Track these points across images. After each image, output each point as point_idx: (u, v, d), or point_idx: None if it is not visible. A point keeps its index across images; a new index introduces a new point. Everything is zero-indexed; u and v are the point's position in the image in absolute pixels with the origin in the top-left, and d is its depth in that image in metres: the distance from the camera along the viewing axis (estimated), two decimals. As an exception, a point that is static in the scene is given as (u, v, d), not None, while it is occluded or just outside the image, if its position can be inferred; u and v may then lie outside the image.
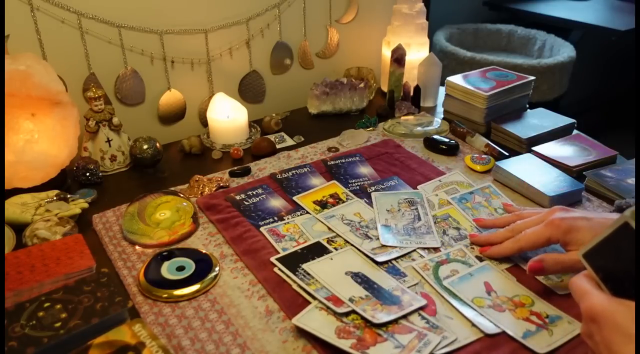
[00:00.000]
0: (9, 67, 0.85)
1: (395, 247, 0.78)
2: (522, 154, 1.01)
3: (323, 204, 0.88)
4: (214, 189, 0.94)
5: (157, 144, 1.01)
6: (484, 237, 0.79)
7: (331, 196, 0.91)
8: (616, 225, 0.48)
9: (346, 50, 1.36)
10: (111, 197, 0.94)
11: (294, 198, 0.90)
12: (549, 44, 2.41)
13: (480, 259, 0.76)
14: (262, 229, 0.83)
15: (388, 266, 0.75)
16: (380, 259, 0.75)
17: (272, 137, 1.13)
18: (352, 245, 0.78)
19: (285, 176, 0.97)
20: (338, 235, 0.81)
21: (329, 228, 0.82)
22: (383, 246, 0.78)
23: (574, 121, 1.12)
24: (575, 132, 1.11)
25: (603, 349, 0.47)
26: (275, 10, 1.21)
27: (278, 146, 1.10)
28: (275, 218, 0.86)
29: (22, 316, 0.61)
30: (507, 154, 1.03)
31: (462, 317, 0.66)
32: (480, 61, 2.11)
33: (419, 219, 0.84)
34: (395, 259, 0.76)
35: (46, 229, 0.80)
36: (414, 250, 0.78)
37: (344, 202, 0.89)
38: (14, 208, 0.84)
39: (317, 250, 0.77)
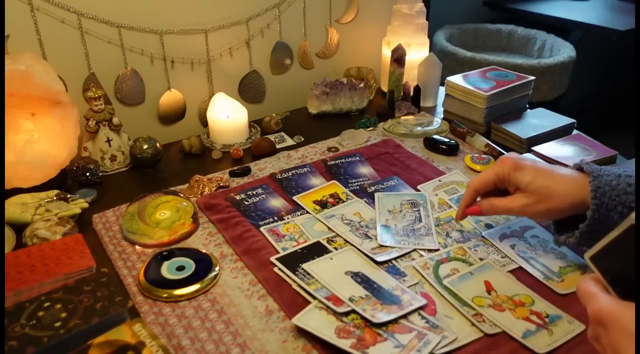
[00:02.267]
0: (9, 67, 0.85)
1: (395, 247, 0.78)
2: (522, 154, 1.01)
3: (323, 204, 0.88)
4: (214, 189, 0.94)
5: (157, 144, 1.01)
6: (460, 207, 0.81)
7: (331, 195, 0.91)
8: (623, 228, 0.47)
9: (346, 50, 1.36)
10: (111, 197, 0.94)
11: (294, 198, 0.90)
12: (549, 44, 2.41)
13: (481, 258, 0.76)
14: (262, 229, 0.83)
15: (388, 265, 0.75)
16: (380, 258, 0.75)
17: (272, 137, 1.13)
18: (352, 245, 0.78)
19: (285, 175, 0.97)
20: (338, 235, 0.81)
21: (329, 228, 0.82)
22: (381, 246, 0.78)
23: (574, 121, 1.12)
24: (575, 132, 1.11)
25: (610, 353, 0.46)
26: (275, 10, 1.21)
27: (278, 146, 1.10)
28: (275, 218, 0.86)
29: (22, 316, 0.61)
30: (506, 153, 1.03)
31: (462, 316, 0.66)
32: (480, 61, 2.11)
33: (420, 220, 0.84)
34: (395, 258, 0.76)
35: (46, 229, 0.80)
36: (414, 250, 0.78)
37: (344, 202, 0.89)
38: (14, 208, 0.84)
39: (317, 250, 0.77)
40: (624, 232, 0.48)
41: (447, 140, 1.07)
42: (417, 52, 1.30)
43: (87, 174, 0.96)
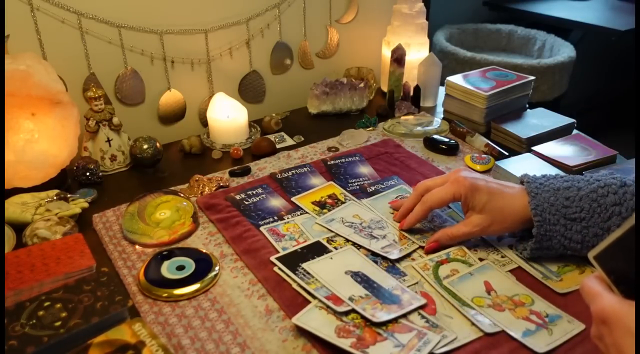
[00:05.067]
0: (9, 67, 0.85)
1: (412, 240, 0.79)
2: (522, 153, 1.01)
3: (322, 205, 0.88)
4: (214, 188, 0.94)
5: (157, 144, 1.01)
6: (399, 213, 0.83)
7: (329, 196, 0.91)
8: (626, 227, 0.48)
9: (346, 50, 1.36)
10: (111, 197, 0.94)
11: (293, 199, 0.90)
12: (549, 44, 2.41)
13: (481, 259, 0.76)
14: (262, 228, 0.83)
15: (388, 265, 0.75)
16: (393, 256, 0.75)
17: (272, 137, 1.13)
18: (360, 247, 0.78)
19: (285, 175, 0.97)
20: (345, 238, 0.80)
21: (336, 234, 0.81)
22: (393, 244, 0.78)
23: (573, 120, 1.12)
24: (575, 132, 1.11)
25: (614, 352, 0.46)
26: (275, 10, 1.21)
27: (278, 146, 1.10)
28: (275, 218, 0.86)
29: (22, 315, 0.61)
30: (507, 153, 1.03)
31: (462, 316, 0.66)
32: (480, 61, 2.11)
33: None
34: (409, 254, 0.77)
35: (46, 229, 0.80)
36: (414, 251, 0.78)
37: (342, 202, 0.89)
38: (14, 208, 0.84)
39: (317, 249, 0.77)
40: (628, 231, 0.47)
41: (447, 140, 1.07)
42: (417, 52, 1.30)
43: (87, 173, 0.96)
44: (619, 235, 0.48)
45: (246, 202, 0.89)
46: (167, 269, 0.74)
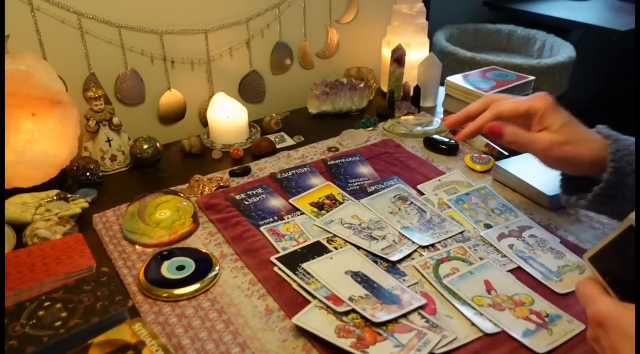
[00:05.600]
0: (9, 67, 0.86)
1: (412, 241, 0.79)
2: (521, 153, 1.01)
3: (320, 206, 0.88)
4: (214, 188, 0.94)
5: (157, 144, 1.01)
6: (456, 116, 0.74)
7: (327, 197, 0.91)
8: (621, 228, 0.47)
9: (346, 50, 1.36)
10: (111, 197, 0.94)
11: (290, 201, 0.90)
12: (549, 44, 2.41)
13: (481, 258, 0.76)
14: (262, 228, 0.83)
15: (388, 265, 0.75)
16: (394, 258, 0.75)
17: (272, 137, 1.13)
18: (360, 248, 0.78)
19: (285, 175, 0.97)
20: (345, 240, 0.80)
21: (334, 235, 0.81)
22: (390, 246, 0.78)
23: (573, 120, 1.11)
24: (575, 131, 1.11)
25: None
26: (275, 10, 1.21)
27: (278, 146, 1.10)
28: (275, 218, 0.86)
29: (22, 315, 0.61)
30: (506, 153, 1.03)
31: (462, 316, 0.66)
32: (480, 61, 2.11)
33: (424, 211, 0.85)
34: (409, 255, 0.77)
35: (46, 229, 0.80)
36: (415, 250, 0.78)
37: (340, 203, 0.89)
38: (14, 208, 0.84)
39: (317, 249, 0.77)
40: (623, 233, 0.47)
41: (447, 140, 1.07)
42: (417, 52, 1.30)
43: (87, 173, 0.96)
44: (614, 236, 0.48)
45: (246, 202, 0.89)
46: (167, 269, 0.74)
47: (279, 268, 0.74)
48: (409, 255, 0.77)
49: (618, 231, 0.48)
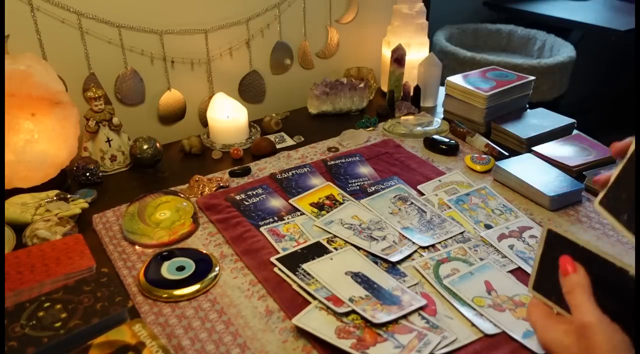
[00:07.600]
0: (9, 67, 0.85)
1: (412, 241, 0.79)
2: (522, 154, 1.01)
3: (320, 206, 0.88)
4: (214, 189, 0.94)
5: (157, 144, 1.01)
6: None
7: (327, 197, 0.91)
8: (537, 253, 0.54)
9: (346, 50, 1.36)
10: (111, 197, 0.94)
11: (291, 201, 0.90)
12: (549, 44, 2.41)
13: (481, 259, 0.76)
14: (262, 229, 0.83)
15: (388, 266, 0.75)
16: (394, 258, 0.75)
17: (272, 137, 1.13)
18: (360, 248, 0.78)
19: (285, 176, 0.97)
20: (345, 240, 0.80)
21: (335, 236, 0.81)
22: (392, 245, 0.78)
23: (573, 121, 1.12)
24: (575, 132, 1.11)
25: None
26: (275, 10, 1.21)
27: (278, 146, 1.10)
28: (275, 218, 0.86)
29: (22, 316, 0.61)
30: (507, 154, 1.03)
31: (462, 317, 0.66)
32: (480, 61, 2.11)
33: (424, 211, 0.85)
34: (409, 255, 0.76)
35: (46, 229, 0.79)
36: (415, 251, 0.78)
37: (340, 203, 0.89)
38: (14, 208, 0.84)
39: (317, 250, 0.77)
40: (542, 257, 0.54)
41: (447, 140, 1.07)
42: (417, 52, 1.30)
43: (87, 174, 0.96)
44: (537, 263, 0.55)
45: (246, 203, 0.89)
46: (167, 270, 0.74)
47: (279, 269, 0.74)
48: (409, 256, 0.77)
49: (537, 259, 0.54)
